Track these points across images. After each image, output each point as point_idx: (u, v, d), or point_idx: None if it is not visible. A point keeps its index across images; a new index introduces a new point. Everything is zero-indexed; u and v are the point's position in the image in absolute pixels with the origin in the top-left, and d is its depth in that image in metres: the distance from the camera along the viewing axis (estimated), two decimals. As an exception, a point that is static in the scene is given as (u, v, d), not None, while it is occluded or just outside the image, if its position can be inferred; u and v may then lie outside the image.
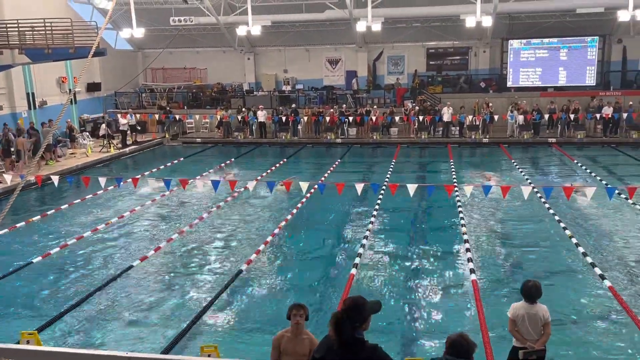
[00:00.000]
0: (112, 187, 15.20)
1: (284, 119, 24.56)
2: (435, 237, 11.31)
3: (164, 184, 12.27)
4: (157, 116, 25.53)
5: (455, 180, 15.94)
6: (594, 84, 25.28)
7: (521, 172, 17.03)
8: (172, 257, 10.44)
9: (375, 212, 12.69)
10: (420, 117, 23.66)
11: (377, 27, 22.58)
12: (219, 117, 25.14)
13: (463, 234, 11.06)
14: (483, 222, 12.28)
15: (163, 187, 13.21)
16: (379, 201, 13.48)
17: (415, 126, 24.01)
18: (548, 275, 9.05)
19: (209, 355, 5.57)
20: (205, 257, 10.43)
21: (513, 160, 18.95)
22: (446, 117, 23.59)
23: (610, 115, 22.50)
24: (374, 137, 23.99)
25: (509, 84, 26.56)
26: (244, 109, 25.67)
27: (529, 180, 15.56)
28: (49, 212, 13.31)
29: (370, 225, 11.75)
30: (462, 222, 11.82)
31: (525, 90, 25.79)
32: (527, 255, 10.18)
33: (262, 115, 24.73)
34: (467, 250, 10.07)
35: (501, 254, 10.30)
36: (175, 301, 8.50)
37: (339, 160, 20.28)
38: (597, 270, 8.99)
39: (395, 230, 11.83)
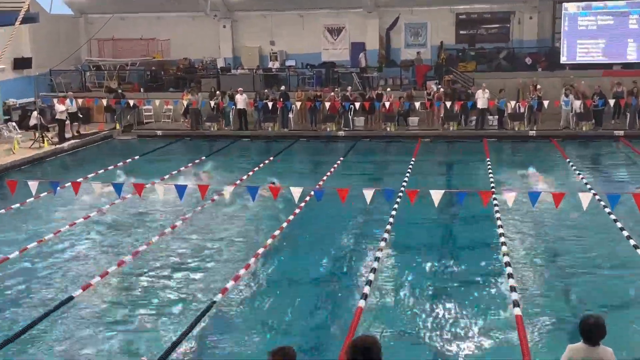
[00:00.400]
0: (45, 193, 15.14)
1: (270, 105, 24.58)
2: (468, 259, 11.37)
3: (113, 189, 12.33)
4: (105, 101, 25.59)
5: (493, 185, 16.05)
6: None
7: (579, 174, 17.21)
8: (123, 285, 10.50)
9: (389, 227, 12.71)
10: (448, 103, 23.69)
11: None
12: (185, 103, 25.28)
13: (504, 254, 11.11)
14: (529, 240, 12.35)
15: (113, 193, 13.24)
16: (393, 212, 13.51)
17: (442, 115, 24.07)
18: (614, 308, 9.15)
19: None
20: (168, 285, 10.49)
21: (568, 159, 19.17)
22: (481, 103, 23.62)
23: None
24: (388, 129, 24.12)
25: (563, 59, 26.80)
26: (218, 93, 25.70)
27: (588, 186, 15.73)
28: (-42, 228, 13.33)
29: (382, 244, 11.76)
30: (502, 239, 11.88)
31: (583, 68, 26.03)
32: (587, 283, 10.26)
33: (241, 101, 24.80)
34: (509, 276, 10.13)
35: (553, 281, 10.37)
36: (127, 342, 8.53)
37: (342, 158, 20.34)
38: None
39: (415, 250, 11.88)
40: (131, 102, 25.51)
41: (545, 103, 23.32)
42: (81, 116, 25.02)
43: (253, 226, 13.51)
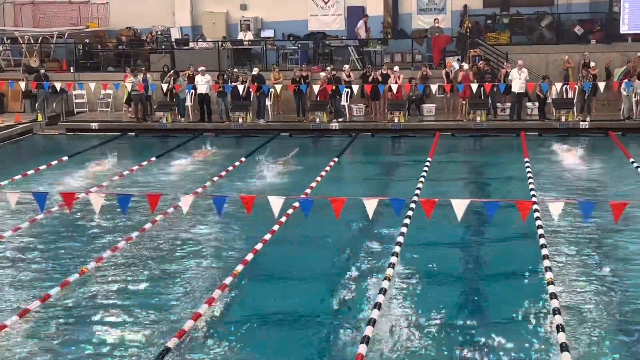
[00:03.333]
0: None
1: (241, 89, 24.55)
2: (501, 290, 11.33)
3: (35, 200, 12.24)
4: (22, 85, 25.44)
5: (533, 192, 15.95)
6: None
7: (645, 178, 17.38)
8: (50, 323, 10.43)
9: (397, 249, 12.56)
10: (474, 86, 23.63)
11: None
12: (129, 87, 25.07)
13: (548, 283, 11.03)
14: (581, 263, 12.32)
15: (34, 205, 13.18)
16: (403, 230, 13.39)
17: (466, 101, 24.06)
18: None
19: None
20: (107, 325, 10.45)
21: (632, 159, 19.14)
22: (517, 87, 23.57)
23: None
24: (395, 120, 24.05)
25: (624, 29, 26.72)
26: (172, 73, 25.59)
27: (657, 193, 15.95)
28: None
29: (389, 272, 11.62)
30: (547, 263, 11.79)
31: (650, 41, 26.01)
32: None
33: (203, 83, 24.75)
34: (555, 311, 10.04)
35: (612, 319, 10.31)
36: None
37: (336, 159, 20.18)
38: None
39: (431, 279, 11.82)
40: (57, 86, 25.28)
41: (601, 86, 23.38)
42: (-9, 104, 25.04)
43: (219, 248, 13.43)
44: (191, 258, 13.03)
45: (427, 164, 18.96)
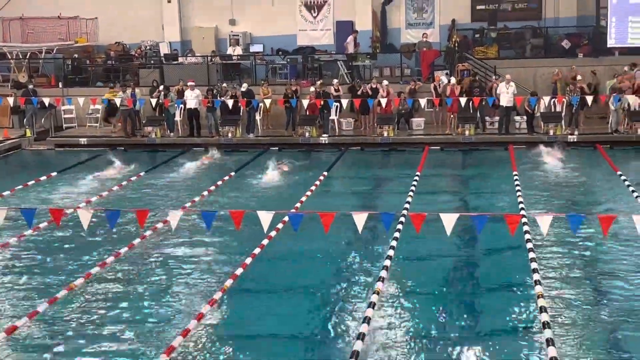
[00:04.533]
0: None
1: (230, 103, 24.55)
2: (491, 304, 11.33)
3: (23, 216, 12.22)
4: (11, 100, 25.34)
5: (522, 205, 15.96)
6: None
7: (633, 191, 17.07)
8: (37, 340, 10.38)
9: (387, 263, 12.59)
10: (463, 100, 23.70)
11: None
12: (118, 102, 24.99)
13: (538, 297, 11.02)
14: (571, 277, 12.33)
15: (22, 222, 13.16)
16: (393, 243, 13.43)
17: (454, 115, 24.16)
18: None
19: None
20: (96, 342, 10.38)
21: (619, 172, 19.14)
22: (505, 100, 23.64)
23: None
24: (385, 134, 24.09)
25: (611, 43, 26.77)
26: (161, 88, 25.64)
27: (646, 206, 15.73)
28: None
29: (379, 286, 11.61)
30: (536, 277, 11.81)
31: (638, 53, 25.98)
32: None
33: (192, 98, 24.78)
34: (545, 325, 10.02)
35: (603, 333, 10.35)
36: None
37: (325, 173, 20.34)
38: None
39: (421, 293, 11.82)
40: (46, 101, 25.13)
41: (589, 99, 23.38)
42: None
43: (208, 263, 13.40)
44: (180, 273, 12.97)
45: (417, 177, 19.00)
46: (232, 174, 20.47)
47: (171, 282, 12.65)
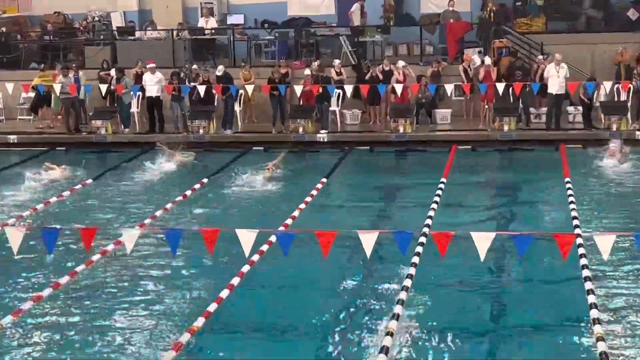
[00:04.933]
0: None
1: (202, 90, 22.68)
2: (536, 347, 10.56)
3: None
4: None
5: (576, 222, 14.98)
6: None
7: None
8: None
9: (403, 295, 11.69)
10: (500, 86, 22.11)
11: None
12: (57, 90, 23.37)
13: (597, 339, 10.01)
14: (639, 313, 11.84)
15: None
16: (411, 270, 12.48)
17: (490, 105, 22.73)
18: None
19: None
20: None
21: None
22: (555, 87, 22.05)
23: None
24: (400, 130, 22.50)
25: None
26: (113, 71, 23.95)
27: None
28: None
29: (393, 325, 10.55)
30: (595, 314, 10.77)
31: None
32: None
33: (153, 84, 23.19)
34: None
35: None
36: None
37: (324, 179, 19.13)
38: None
39: (448, 333, 10.88)
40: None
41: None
42: None
43: (173, 297, 12.55)
44: (135, 310, 12.14)
45: (441, 186, 17.91)
46: (205, 180, 19.28)
47: (123, 320, 11.77)
